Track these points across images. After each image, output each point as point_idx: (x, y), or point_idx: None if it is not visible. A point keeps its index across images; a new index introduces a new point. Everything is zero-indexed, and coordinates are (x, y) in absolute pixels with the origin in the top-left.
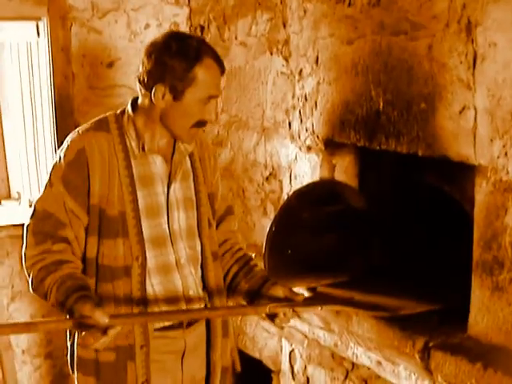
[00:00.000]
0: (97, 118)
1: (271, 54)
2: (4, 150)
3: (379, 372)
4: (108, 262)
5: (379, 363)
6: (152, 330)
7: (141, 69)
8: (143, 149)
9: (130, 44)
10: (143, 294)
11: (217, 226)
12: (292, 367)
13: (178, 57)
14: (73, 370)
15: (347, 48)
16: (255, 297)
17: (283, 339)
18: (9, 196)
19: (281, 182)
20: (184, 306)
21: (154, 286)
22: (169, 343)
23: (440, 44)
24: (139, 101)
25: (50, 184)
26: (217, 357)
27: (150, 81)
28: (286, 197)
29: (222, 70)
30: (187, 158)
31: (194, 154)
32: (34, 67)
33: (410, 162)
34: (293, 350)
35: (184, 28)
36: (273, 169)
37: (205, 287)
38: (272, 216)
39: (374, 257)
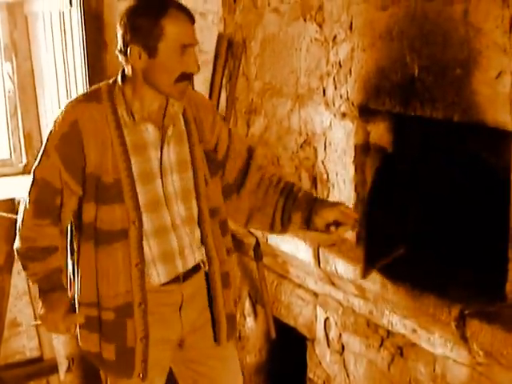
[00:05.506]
0: (91, 89)
1: (305, 20)
2: (38, 120)
3: (414, 340)
4: (106, 226)
5: (414, 331)
6: (149, 287)
7: (117, 38)
8: (133, 118)
9: None
10: (140, 256)
11: (247, 169)
12: (327, 335)
13: (143, 15)
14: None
15: (382, 13)
16: (309, 222)
17: (318, 307)
18: None
19: (315, 149)
20: (180, 265)
21: (151, 247)
22: (166, 296)
23: (476, 8)
24: (125, 71)
25: (46, 153)
26: (220, 307)
27: (125, 45)
28: (320, 164)
29: (191, 19)
30: (181, 121)
31: (189, 116)
32: (66, 36)
33: (446, 129)
34: (328, 317)
35: None
36: (307, 136)
37: (202, 243)
38: (306, 183)
39: (410, 223)
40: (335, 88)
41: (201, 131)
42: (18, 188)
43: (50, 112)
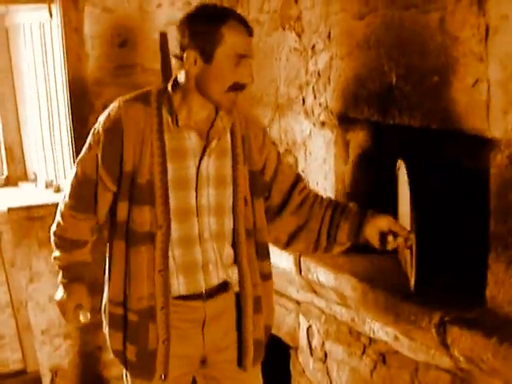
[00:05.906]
0: (142, 90)
1: (284, 30)
2: (19, 132)
3: (396, 347)
4: (135, 227)
5: (396, 338)
6: (171, 296)
7: (175, 45)
8: (177, 124)
9: (142, 24)
10: (165, 262)
11: (291, 192)
12: (310, 343)
13: (204, 21)
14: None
15: (359, 23)
16: (359, 231)
17: (300, 315)
18: (25, 177)
19: (296, 158)
20: (202, 280)
21: (176, 256)
22: (188, 311)
23: (452, 17)
24: (178, 78)
25: (89, 147)
26: (248, 332)
27: (181, 50)
28: (301, 173)
29: (249, 31)
30: (228, 136)
31: (237, 132)
32: (47, 48)
33: (424, 135)
34: (310, 325)
35: None
36: (287, 145)
37: (236, 264)
38: None
39: None
40: (314, 97)
41: (248, 150)
42: None
43: (31, 125)
